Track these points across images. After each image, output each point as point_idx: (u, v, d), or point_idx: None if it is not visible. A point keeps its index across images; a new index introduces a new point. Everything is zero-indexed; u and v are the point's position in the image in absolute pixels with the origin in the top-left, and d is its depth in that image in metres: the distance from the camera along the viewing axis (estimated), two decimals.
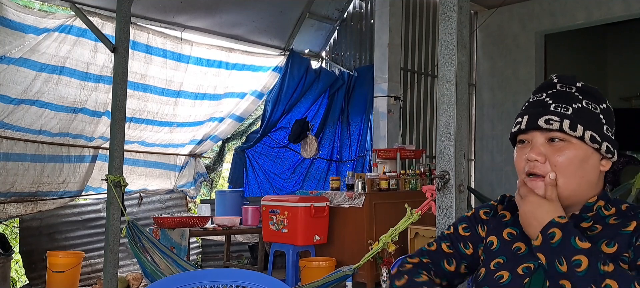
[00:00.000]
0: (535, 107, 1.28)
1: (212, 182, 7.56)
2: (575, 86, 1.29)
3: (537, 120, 1.25)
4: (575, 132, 1.22)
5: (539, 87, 1.34)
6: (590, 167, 1.26)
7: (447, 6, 2.32)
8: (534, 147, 1.26)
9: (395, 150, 6.21)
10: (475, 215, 1.44)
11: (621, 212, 1.26)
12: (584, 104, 1.26)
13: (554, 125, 1.23)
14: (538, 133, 1.26)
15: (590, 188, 1.27)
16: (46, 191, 5.76)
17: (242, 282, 1.71)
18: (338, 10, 7.80)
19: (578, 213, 1.28)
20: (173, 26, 6.30)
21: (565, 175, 1.23)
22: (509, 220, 1.38)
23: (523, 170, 1.28)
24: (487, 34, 8.12)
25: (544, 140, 1.25)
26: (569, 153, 1.23)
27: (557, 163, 1.23)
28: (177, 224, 5.40)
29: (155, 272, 3.77)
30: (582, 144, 1.24)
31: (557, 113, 1.24)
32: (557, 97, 1.27)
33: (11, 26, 4.94)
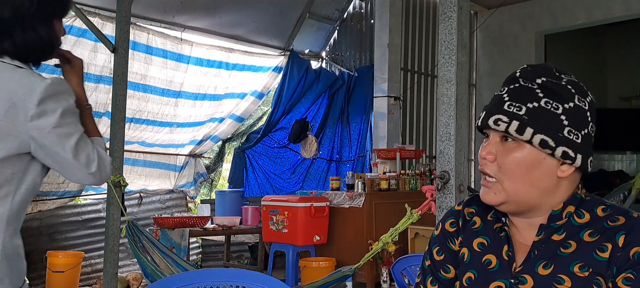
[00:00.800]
0: (493, 103, 1.19)
1: (212, 182, 7.56)
2: (536, 83, 1.16)
3: (488, 118, 1.17)
4: (522, 135, 1.12)
5: (506, 79, 1.23)
6: (542, 173, 1.13)
7: (447, 6, 2.32)
8: (487, 144, 1.18)
9: (395, 150, 6.21)
10: (443, 231, 1.33)
11: (596, 220, 1.14)
12: (542, 103, 1.13)
13: (500, 126, 1.14)
14: (492, 131, 1.18)
15: (547, 195, 1.15)
16: (46, 191, 5.77)
17: (242, 282, 1.71)
18: (338, 10, 7.80)
19: (546, 224, 1.16)
20: (173, 26, 6.30)
21: (511, 179, 1.14)
22: (480, 226, 1.28)
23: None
24: (487, 34, 8.12)
25: (498, 138, 1.17)
26: (516, 155, 1.14)
27: (503, 165, 1.15)
28: (177, 224, 5.40)
29: (155, 272, 3.77)
30: (532, 147, 1.13)
31: (508, 113, 1.14)
32: (515, 94, 1.16)
33: None
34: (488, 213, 1.28)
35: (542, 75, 1.16)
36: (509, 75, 1.22)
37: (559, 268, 1.11)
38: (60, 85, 1.55)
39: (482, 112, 1.21)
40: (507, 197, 1.15)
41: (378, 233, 5.01)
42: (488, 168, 1.17)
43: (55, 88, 1.52)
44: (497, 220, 1.26)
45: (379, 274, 5.30)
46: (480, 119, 1.20)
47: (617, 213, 1.13)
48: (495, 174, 1.16)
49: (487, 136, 1.20)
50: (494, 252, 1.21)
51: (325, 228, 5.47)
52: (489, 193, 1.18)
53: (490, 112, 1.17)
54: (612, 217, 1.13)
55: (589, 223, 1.14)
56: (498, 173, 1.15)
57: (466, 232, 1.28)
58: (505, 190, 1.15)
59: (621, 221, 1.11)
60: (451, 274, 1.30)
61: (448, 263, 1.30)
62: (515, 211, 1.19)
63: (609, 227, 1.11)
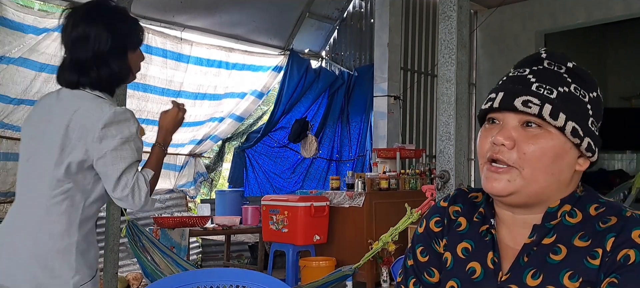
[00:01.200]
0: (515, 83, 1.07)
1: (212, 182, 7.56)
2: (565, 66, 1.07)
3: (513, 99, 1.03)
4: (556, 120, 1.02)
5: (524, 61, 1.12)
6: (565, 165, 1.05)
7: (447, 6, 2.32)
8: (504, 129, 1.05)
9: (395, 150, 6.21)
10: (427, 230, 1.23)
11: (588, 221, 1.05)
12: (572, 89, 1.05)
13: (532, 108, 1.02)
14: (512, 114, 1.05)
15: (560, 189, 1.06)
16: None
17: (242, 282, 1.71)
18: (338, 10, 7.80)
19: (540, 224, 1.07)
20: (173, 26, 6.30)
21: (534, 168, 1.03)
22: (465, 228, 1.17)
23: (485, 155, 1.07)
24: (487, 33, 8.12)
25: (517, 123, 1.04)
26: (544, 143, 1.02)
27: (528, 153, 1.02)
28: (177, 224, 5.40)
29: (155, 272, 3.77)
30: (561, 135, 1.03)
31: (539, 95, 1.03)
32: (542, 76, 1.06)
33: (11, 26, 4.94)
34: (474, 213, 1.18)
35: (569, 60, 1.08)
36: (528, 56, 1.12)
37: (548, 277, 1.02)
38: (124, 114, 1.81)
39: (494, 93, 1.08)
40: (522, 186, 1.03)
41: (378, 232, 5.01)
42: (505, 156, 1.04)
43: (118, 116, 1.80)
44: (483, 222, 1.15)
45: (379, 274, 5.30)
46: (496, 100, 1.06)
47: (609, 213, 1.04)
48: (515, 162, 1.03)
49: (492, 122, 1.09)
50: (478, 259, 1.12)
51: (325, 228, 5.47)
52: (500, 180, 1.04)
53: (515, 92, 1.04)
54: (604, 217, 1.04)
55: (580, 224, 1.05)
56: (518, 160, 1.03)
57: (451, 233, 1.18)
58: (524, 178, 1.03)
59: (612, 221, 1.02)
60: (435, 278, 1.20)
61: (432, 266, 1.20)
62: (522, 203, 1.07)
63: (600, 229, 1.03)
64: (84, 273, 1.79)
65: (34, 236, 1.76)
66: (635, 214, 1.02)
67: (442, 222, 1.21)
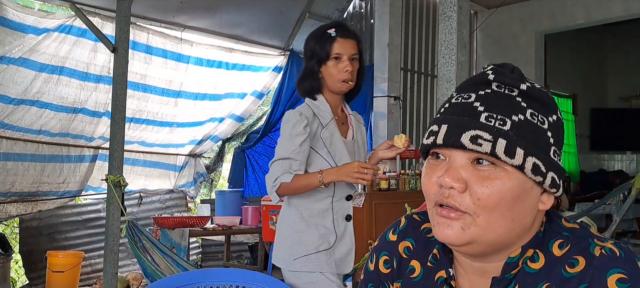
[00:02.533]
0: (460, 113, 0.90)
1: (212, 182, 7.56)
2: (517, 88, 0.90)
3: (460, 135, 0.87)
4: (512, 158, 0.86)
5: (468, 83, 0.95)
6: (527, 207, 0.89)
7: (447, 6, 2.32)
8: (451, 169, 0.89)
9: None
10: (376, 270, 1.10)
11: (553, 266, 0.91)
12: (528, 116, 0.88)
13: (483, 146, 0.86)
14: (459, 151, 0.89)
15: (525, 232, 0.92)
16: (46, 191, 5.77)
17: (242, 282, 1.71)
18: (338, 10, 7.80)
19: (500, 276, 0.92)
20: (173, 26, 6.30)
21: (490, 216, 0.87)
22: (419, 275, 1.03)
23: (433, 198, 0.92)
24: (487, 34, 8.13)
25: (466, 161, 0.89)
26: (500, 185, 0.86)
27: (482, 198, 0.87)
28: (177, 224, 5.40)
29: (155, 272, 3.77)
30: (520, 174, 0.87)
31: (490, 128, 0.86)
32: (492, 103, 0.89)
33: (11, 26, 4.94)
34: (428, 255, 1.03)
35: (524, 80, 0.91)
36: (473, 77, 0.95)
37: None
38: (287, 115, 2.33)
39: (436, 126, 0.92)
40: (478, 235, 0.88)
41: (378, 233, 5.01)
42: (456, 201, 0.88)
43: (288, 116, 2.33)
44: (438, 267, 1.01)
45: None
46: (439, 135, 0.90)
47: (576, 252, 0.90)
48: (468, 208, 0.87)
49: (436, 157, 0.93)
50: None
51: None
52: (453, 228, 0.89)
53: (461, 126, 0.88)
54: (570, 258, 0.89)
55: (544, 270, 0.91)
56: (472, 206, 0.87)
57: (404, 280, 1.04)
58: (479, 226, 0.87)
59: (581, 265, 0.88)
60: None
61: None
62: (480, 253, 0.92)
63: (567, 275, 0.88)
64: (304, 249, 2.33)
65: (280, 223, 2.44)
66: (606, 249, 0.88)
67: (391, 263, 1.08)
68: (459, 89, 0.97)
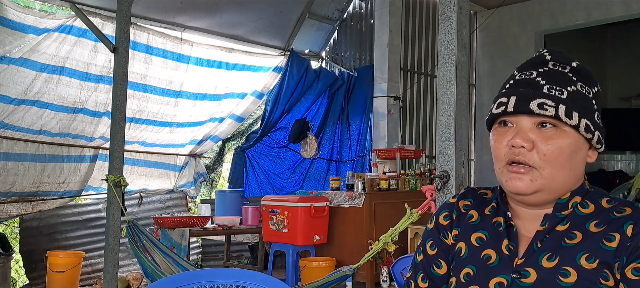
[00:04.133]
0: (525, 86, 1.11)
1: (212, 182, 7.56)
2: (569, 66, 1.13)
3: (528, 103, 1.08)
4: (571, 119, 1.07)
5: (528, 63, 1.17)
6: (580, 159, 1.11)
7: (447, 6, 2.32)
8: (521, 132, 1.09)
9: (395, 150, 6.22)
10: (437, 224, 1.28)
11: (602, 211, 1.11)
12: (578, 87, 1.11)
13: (548, 111, 1.07)
14: (526, 117, 1.09)
15: (578, 181, 1.13)
16: (46, 191, 5.77)
17: (242, 282, 1.72)
18: (338, 10, 7.80)
19: (552, 213, 1.13)
20: (173, 26, 6.30)
21: (554, 167, 1.08)
22: (477, 220, 1.22)
23: (503, 158, 1.12)
24: (487, 34, 8.13)
25: (532, 125, 1.09)
26: (560, 142, 1.08)
27: (547, 153, 1.07)
28: (177, 224, 5.40)
29: (155, 272, 3.78)
30: (575, 132, 1.09)
31: (552, 96, 1.08)
32: (550, 77, 1.11)
33: (11, 26, 4.94)
34: (485, 207, 1.23)
35: (572, 59, 1.14)
36: (531, 58, 1.17)
37: (565, 260, 1.07)
38: None
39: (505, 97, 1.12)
40: (543, 185, 1.09)
41: (378, 233, 5.02)
42: (526, 157, 1.08)
43: None
44: (495, 214, 1.21)
45: (378, 274, 5.30)
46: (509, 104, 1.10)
47: (622, 205, 1.11)
48: (535, 163, 1.08)
49: (503, 125, 1.13)
50: (493, 246, 1.16)
51: (325, 228, 5.47)
52: (523, 180, 1.09)
53: (528, 96, 1.09)
54: (617, 208, 1.10)
55: (594, 213, 1.11)
56: (538, 161, 1.08)
57: (462, 225, 1.23)
58: (545, 177, 1.08)
59: (628, 211, 1.09)
60: (443, 270, 1.24)
61: (440, 257, 1.25)
62: (543, 201, 1.12)
63: (615, 217, 1.09)
64: None
65: None
66: None
67: (450, 216, 1.26)
68: (519, 68, 1.17)
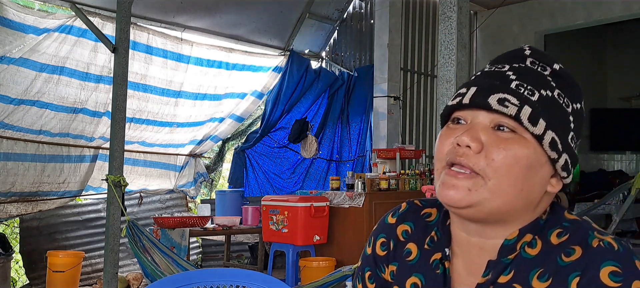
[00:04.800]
0: (491, 78, 0.91)
1: (212, 182, 7.56)
2: (550, 67, 0.92)
3: (488, 95, 0.88)
4: (534, 126, 0.87)
5: (504, 55, 0.96)
6: (537, 180, 0.89)
7: (447, 6, 2.33)
8: (472, 129, 0.89)
9: (395, 150, 6.22)
10: (374, 253, 1.07)
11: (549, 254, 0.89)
12: (555, 95, 0.90)
13: (509, 108, 0.87)
14: (483, 113, 0.89)
15: (528, 209, 0.90)
16: (46, 191, 5.77)
17: (242, 282, 1.71)
18: (338, 10, 7.80)
19: (496, 258, 0.91)
20: (173, 26, 6.30)
21: (501, 179, 0.86)
22: (415, 259, 1.01)
23: (445, 157, 0.91)
24: (487, 34, 8.13)
25: (487, 124, 0.89)
26: (517, 150, 0.86)
27: (497, 160, 0.86)
28: (177, 224, 5.40)
29: (155, 272, 3.78)
30: (538, 145, 0.88)
31: (519, 94, 0.88)
32: (524, 75, 0.91)
33: (11, 26, 4.94)
34: (426, 237, 1.02)
35: (556, 61, 0.93)
36: (509, 52, 0.97)
37: None
38: None
39: (464, 88, 0.93)
40: (484, 199, 0.87)
41: None
42: (470, 160, 0.87)
43: None
44: (435, 249, 1.00)
45: None
46: (466, 95, 0.91)
47: (573, 241, 0.89)
48: (480, 169, 0.87)
49: (458, 122, 0.92)
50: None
51: (325, 228, 5.47)
52: (459, 188, 0.88)
53: (491, 88, 0.89)
54: (567, 247, 0.88)
55: (540, 257, 0.89)
56: (485, 168, 0.86)
57: (400, 261, 1.03)
58: (488, 189, 0.87)
59: (577, 254, 0.87)
60: None
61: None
62: (481, 219, 0.91)
63: (563, 264, 0.87)
64: None
65: None
66: (604, 242, 0.87)
67: (388, 245, 1.05)
68: (492, 61, 0.98)
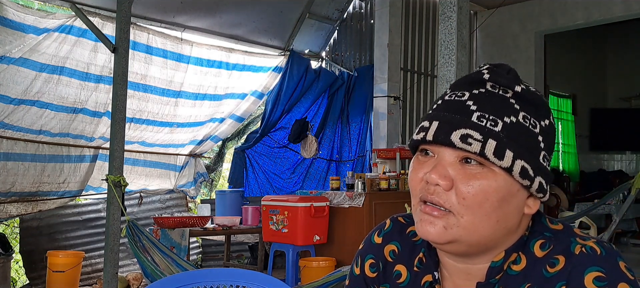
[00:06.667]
0: (452, 111, 0.89)
1: (212, 182, 7.56)
2: (512, 90, 0.89)
3: (450, 133, 0.86)
4: (501, 160, 0.85)
5: (463, 80, 0.93)
6: (513, 210, 0.88)
7: (447, 6, 2.33)
8: (439, 166, 0.88)
9: (395, 150, 6.22)
10: (363, 274, 1.08)
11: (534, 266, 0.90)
12: (520, 118, 0.87)
13: (472, 146, 0.85)
14: (448, 149, 0.88)
15: (509, 235, 0.91)
16: (46, 191, 5.77)
17: (242, 282, 1.71)
18: (338, 10, 7.80)
19: (485, 281, 0.92)
20: (173, 26, 6.30)
21: (475, 216, 0.86)
22: (405, 281, 1.02)
23: (418, 193, 0.91)
24: (486, 34, 8.13)
25: (454, 159, 0.88)
26: (486, 185, 0.86)
27: (467, 197, 0.86)
28: (177, 224, 5.40)
29: (155, 272, 3.78)
30: (508, 176, 0.86)
31: (481, 128, 0.86)
32: (485, 103, 0.88)
33: (11, 26, 4.94)
34: (414, 259, 1.02)
35: (519, 81, 0.90)
36: (468, 76, 0.94)
37: None
38: None
39: (427, 121, 0.91)
40: (461, 236, 0.87)
41: None
42: (441, 198, 0.87)
43: None
44: (425, 271, 1.00)
45: None
46: (430, 131, 0.89)
47: (556, 251, 0.89)
48: (452, 206, 0.87)
49: (424, 153, 0.92)
50: None
51: (325, 228, 5.47)
52: (435, 225, 0.88)
53: (452, 123, 0.87)
54: (551, 258, 0.89)
55: (525, 272, 0.90)
56: (457, 205, 0.87)
57: (390, 284, 1.04)
58: (462, 226, 0.87)
59: (560, 264, 0.88)
60: None
61: None
62: (463, 253, 0.92)
63: (548, 275, 0.88)
64: None
65: None
66: (586, 247, 0.87)
67: (377, 266, 1.06)
68: (453, 86, 0.95)
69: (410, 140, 0.96)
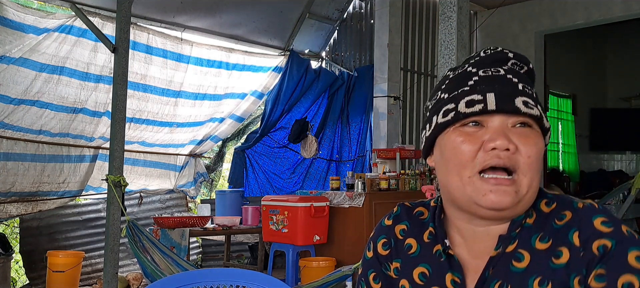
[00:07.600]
0: (501, 84, 0.96)
1: (212, 182, 7.56)
2: (527, 66, 1.02)
3: (513, 100, 0.94)
4: (547, 122, 0.99)
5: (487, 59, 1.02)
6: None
7: (447, 6, 2.33)
8: (502, 132, 0.93)
9: (395, 150, 6.22)
10: (376, 254, 1.13)
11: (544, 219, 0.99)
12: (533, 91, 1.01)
13: (534, 110, 0.95)
14: (502, 117, 0.94)
15: None
16: (46, 191, 5.77)
17: (242, 282, 1.71)
18: (338, 10, 7.80)
19: (507, 233, 0.99)
20: (173, 26, 6.30)
21: (534, 172, 0.94)
22: (417, 251, 1.08)
23: (476, 164, 0.95)
24: (486, 34, 8.13)
25: (508, 125, 0.95)
26: (540, 144, 0.96)
27: (531, 155, 0.94)
28: (177, 224, 5.40)
29: (155, 272, 3.78)
30: (541, 134, 0.98)
31: (530, 95, 0.96)
32: (518, 76, 0.99)
33: (11, 26, 4.94)
34: (423, 233, 1.09)
35: (529, 61, 1.04)
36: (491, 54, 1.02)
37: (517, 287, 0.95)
38: None
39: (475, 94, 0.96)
40: (524, 195, 0.95)
41: None
42: (511, 161, 0.93)
43: None
44: (435, 241, 1.06)
45: None
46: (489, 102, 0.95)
47: (561, 208, 0.99)
48: (520, 168, 0.94)
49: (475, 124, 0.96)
50: (438, 282, 1.02)
51: (325, 228, 5.47)
52: (508, 194, 0.93)
53: (510, 93, 0.95)
54: (557, 213, 0.98)
55: (537, 224, 0.99)
56: (523, 166, 0.94)
57: (403, 258, 1.09)
58: (525, 185, 0.94)
59: (568, 216, 0.97)
60: None
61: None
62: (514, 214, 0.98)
63: (557, 226, 0.96)
64: None
65: None
66: (587, 204, 0.98)
67: (389, 244, 1.12)
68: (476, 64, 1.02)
69: (453, 114, 0.97)
